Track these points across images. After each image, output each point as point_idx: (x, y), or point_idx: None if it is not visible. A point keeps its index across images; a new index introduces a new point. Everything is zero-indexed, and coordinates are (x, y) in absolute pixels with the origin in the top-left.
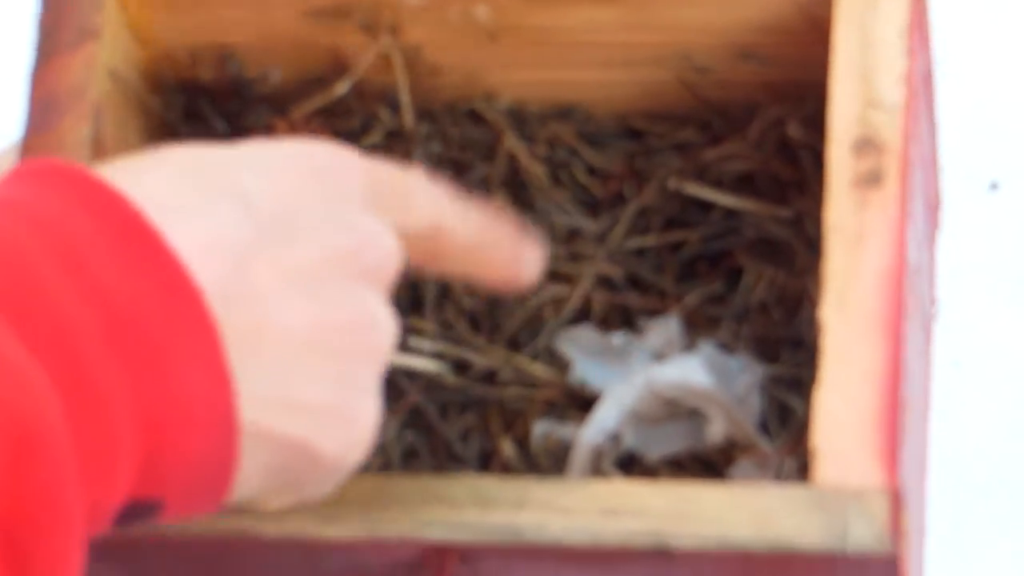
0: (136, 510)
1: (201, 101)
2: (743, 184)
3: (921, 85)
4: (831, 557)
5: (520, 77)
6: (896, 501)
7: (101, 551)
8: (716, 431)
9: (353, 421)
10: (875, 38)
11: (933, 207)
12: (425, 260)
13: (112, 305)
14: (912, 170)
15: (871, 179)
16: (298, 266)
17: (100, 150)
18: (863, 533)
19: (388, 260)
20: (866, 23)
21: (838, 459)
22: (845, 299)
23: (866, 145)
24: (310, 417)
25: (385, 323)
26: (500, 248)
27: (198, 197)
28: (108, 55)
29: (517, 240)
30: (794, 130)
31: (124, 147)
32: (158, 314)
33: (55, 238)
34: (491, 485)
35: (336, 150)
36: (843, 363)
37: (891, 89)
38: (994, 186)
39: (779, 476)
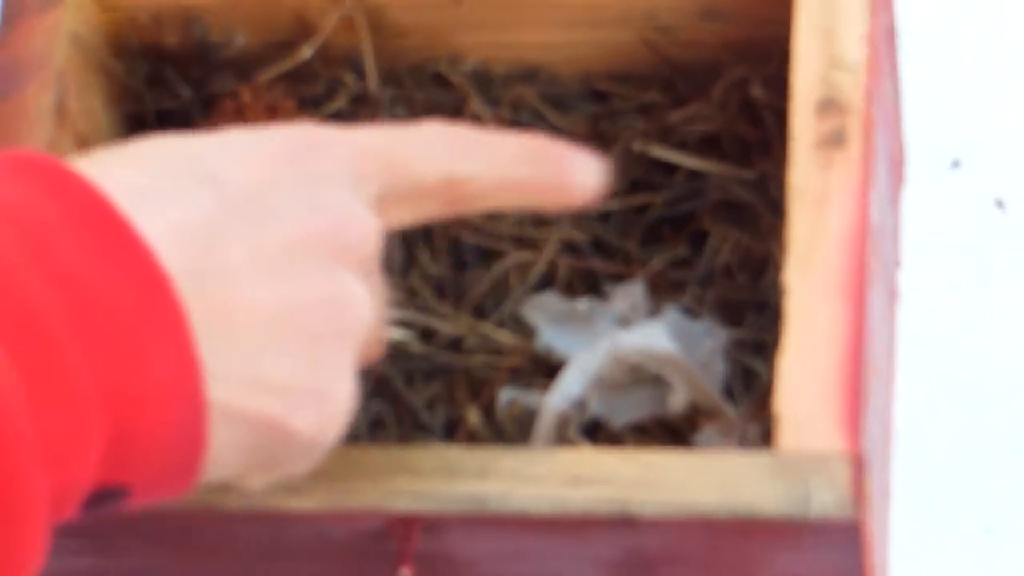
0: (104, 495)
1: (165, 67)
2: (707, 146)
3: (884, 43)
4: (794, 523)
5: (485, 38)
6: (858, 466)
7: (66, 526)
8: (679, 398)
9: (327, 399)
10: None
11: (897, 164)
12: (455, 209)
13: (78, 289)
14: (875, 131)
15: (834, 140)
16: (270, 246)
17: (63, 117)
18: (826, 499)
19: (365, 239)
20: None
21: (801, 425)
22: (809, 262)
23: (829, 106)
24: (282, 395)
25: (361, 301)
26: (545, 176)
27: (167, 182)
28: (71, 20)
29: (560, 157)
30: (757, 91)
31: (87, 114)
32: (124, 297)
33: (20, 224)
34: (457, 455)
35: (315, 130)
36: (806, 327)
37: (853, 48)
38: (956, 163)
39: (743, 442)
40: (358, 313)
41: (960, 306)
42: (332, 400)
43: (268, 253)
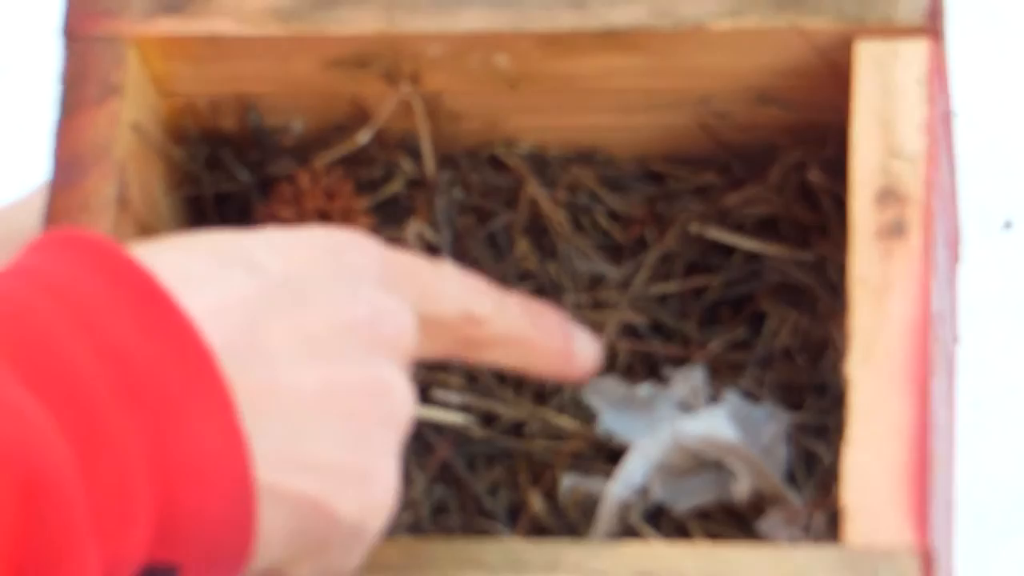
0: (155, 573)
1: (223, 151)
2: (764, 228)
3: (941, 129)
4: None
5: (540, 122)
6: (927, 561)
7: None
8: (743, 486)
9: (370, 481)
10: (895, 85)
11: (953, 243)
12: (465, 351)
13: (126, 363)
14: (935, 219)
15: (894, 230)
16: (311, 329)
17: (125, 206)
18: None
19: (404, 333)
20: (886, 70)
21: (868, 517)
22: (871, 353)
23: (888, 195)
24: (325, 475)
25: (401, 391)
26: (548, 338)
27: (211, 266)
28: (131, 110)
29: (567, 329)
30: (815, 176)
31: (147, 201)
32: (172, 373)
33: (69, 299)
34: (524, 547)
35: (354, 234)
36: (871, 419)
37: (912, 138)
38: (1008, 224)
39: (809, 531)
40: (399, 399)
41: (1017, 365)
42: (376, 482)
43: (309, 335)
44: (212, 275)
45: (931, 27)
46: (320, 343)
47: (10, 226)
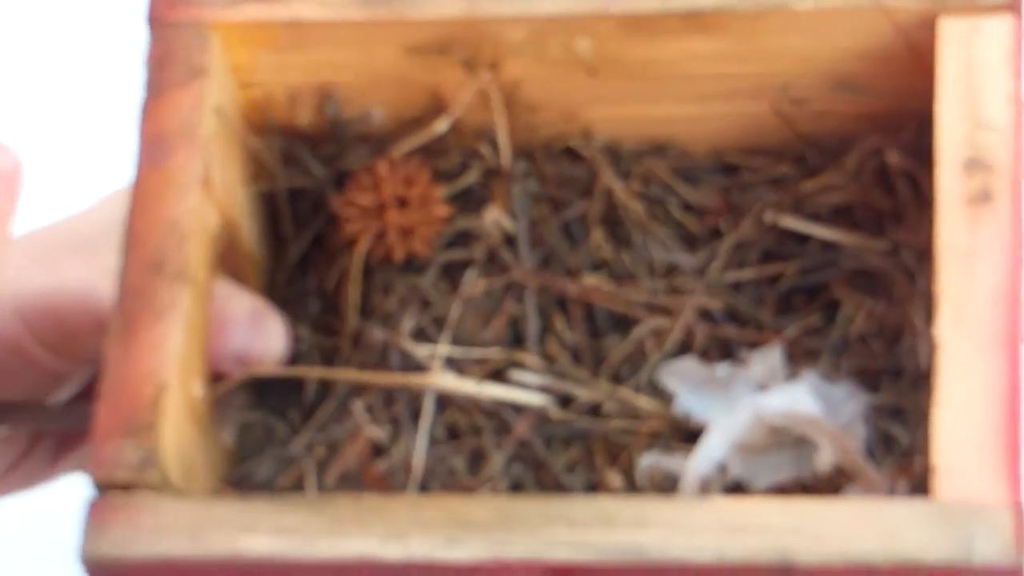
0: None
1: (298, 145)
2: (839, 216)
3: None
4: (957, 570)
5: (616, 113)
6: (1020, 516)
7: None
8: (825, 458)
9: None
10: (980, 60)
11: None
12: None
13: None
14: (1022, 187)
15: (982, 198)
16: None
17: (208, 187)
18: (989, 547)
19: None
20: (970, 46)
21: (959, 476)
22: (961, 317)
23: (975, 165)
24: None
25: None
26: None
27: None
28: (215, 93)
29: None
30: (893, 157)
31: (227, 189)
32: None
33: None
34: (613, 505)
35: None
36: (961, 381)
37: (998, 110)
38: None
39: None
40: None
41: None
42: None
43: None
44: None
45: (1014, 4)
46: None
47: (90, 233)
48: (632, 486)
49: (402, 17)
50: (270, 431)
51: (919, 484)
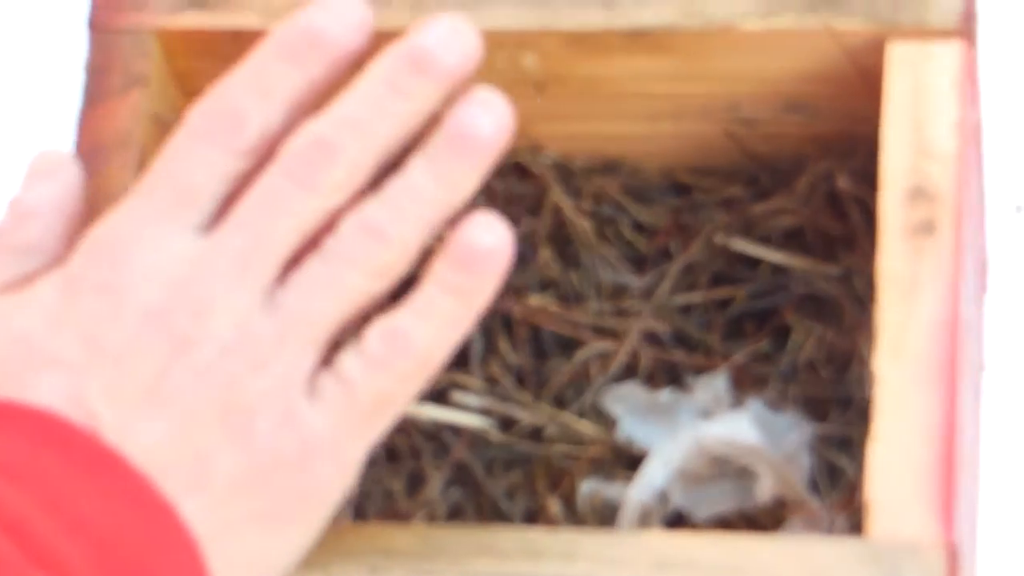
0: None
1: None
2: (791, 240)
3: (972, 137)
4: None
5: (566, 130)
6: (952, 556)
7: None
8: (765, 488)
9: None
10: (928, 86)
11: (981, 267)
12: None
13: (96, 535)
14: (965, 220)
15: (924, 228)
16: None
17: None
18: None
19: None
20: (918, 71)
21: (893, 511)
22: (900, 349)
23: (919, 195)
24: None
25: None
26: None
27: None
28: (153, 102)
29: None
30: (843, 182)
31: None
32: (140, 536)
33: (26, 479)
34: (540, 537)
35: None
36: (898, 414)
37: (944, 138)
38: (1019, 208)
39: (831, 533)
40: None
41: None
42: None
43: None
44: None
45: (965, 30)
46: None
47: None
48: (572, 513)
49: None
50: None
51: (859, 518)
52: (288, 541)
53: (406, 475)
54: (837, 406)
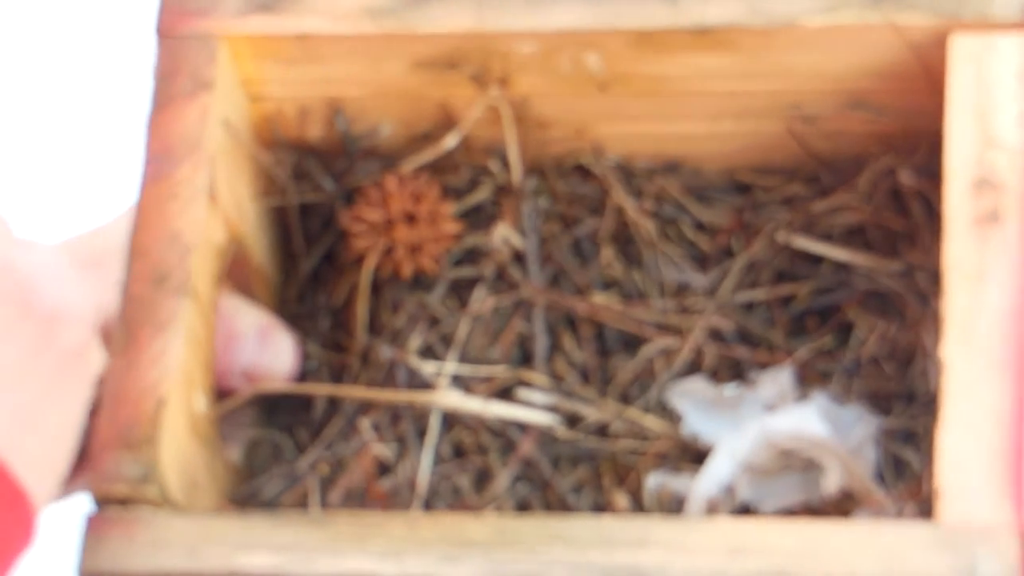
0: None
1: (309, 160)
2: (853, 236)
3: None
4: None
5: (628, 130)
6: None
7: None
8: (832, 481)
9: None
10: (991, 78)
11: None
12: None
13: None
14: None
15: (990, 217)
16: None
17: (214, 200)
18: (992, 570)
19: None
20: (982, 63)
21: (963, 497)
22: (967, 337)
23: (984, 185)
24: None
25: None
26: None
27: None
28: (221, 106)
29: None
30: (906, 177)
31: (235, 200)
32: None
33: None
34: (612, 525)
35: None
36: (966, 401)
37: (1008, 129)
38: None
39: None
40: None
41: None
42: None
43: None
44: None
45: None
46: None
47: (101, 246)
48: (639, 507)
49: (411, 31)
50: (278, 448)
51: (927, 507)
52: None
53: (473, 472)
54: (901, 400)
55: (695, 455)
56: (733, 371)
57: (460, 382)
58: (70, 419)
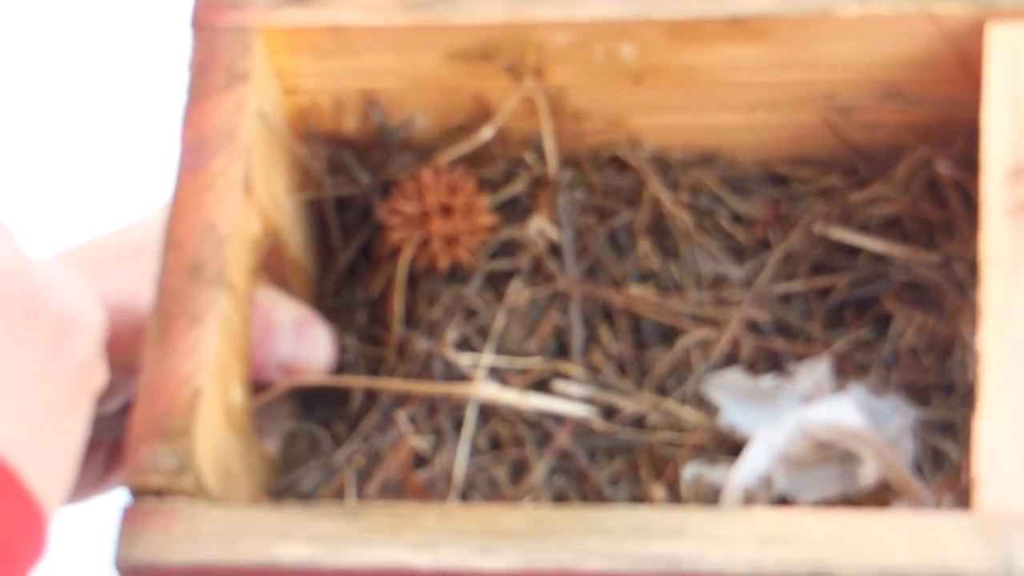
0: None
1: (345, 153)
2: (890, 228)
3: None
4: None
5: (663, 121)
6: None
7: None
8: (869, 472)
9: None
10: None
11: None
12: None
13: None
14: None
15: None
16: None
17: (250, 192)
18: None
19: None
20: (1019, 53)
21: (1001, 487)
22: (1004, 326)
23: (1022, 173)
24: None
25: None
26: None
27: None
28: (256, 98)
29: None
30: (943, 167)
31: (271, 193)
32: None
33: None
34: (648, 516)
35: None
36: (1004, 390)
37: None
38: None
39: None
40: None
41: None
42: None
43: None
44: None
45: None
46: None
47: (135, 243)
48: (676, 499)
49: (445, 22)
50: (315, 441)
51: (965, 498)
52: None
53: (510, 463)
54: (939, 391)
55: (732, 447)
56: (770, 363)
57: (496, 374)
58: (77, 429)
